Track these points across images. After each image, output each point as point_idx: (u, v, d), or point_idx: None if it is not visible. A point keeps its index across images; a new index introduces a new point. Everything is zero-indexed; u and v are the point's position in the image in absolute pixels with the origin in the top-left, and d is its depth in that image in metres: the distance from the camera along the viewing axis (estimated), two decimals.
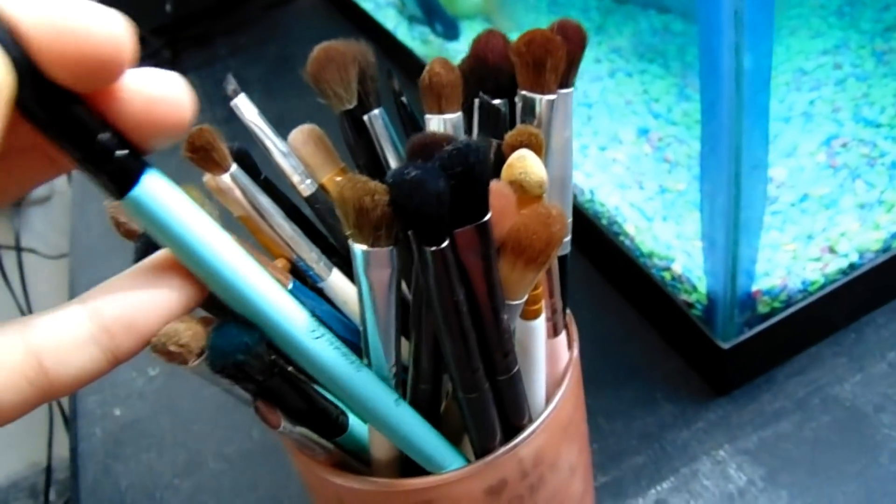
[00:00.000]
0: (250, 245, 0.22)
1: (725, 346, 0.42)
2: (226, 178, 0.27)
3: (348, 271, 0.30)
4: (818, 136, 0.50)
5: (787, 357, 0.45)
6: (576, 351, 0.29)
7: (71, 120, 0.16)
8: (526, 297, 0.24)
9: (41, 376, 0.17)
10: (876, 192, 0.46)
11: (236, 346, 0.20)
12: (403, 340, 0.26)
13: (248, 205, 0.28)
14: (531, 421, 0.27)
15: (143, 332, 0.19)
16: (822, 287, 0.43)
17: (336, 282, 0.30)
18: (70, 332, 0.18)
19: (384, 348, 0.24)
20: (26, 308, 1.26)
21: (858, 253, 0.43)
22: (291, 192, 0.31)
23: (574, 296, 0.31)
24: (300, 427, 0.24)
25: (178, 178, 0.19)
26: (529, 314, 0.26)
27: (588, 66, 0.64)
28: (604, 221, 0.51)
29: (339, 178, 0.30)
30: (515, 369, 0.25)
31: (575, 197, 0.53)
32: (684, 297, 0.44)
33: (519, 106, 0.26)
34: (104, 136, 0.16)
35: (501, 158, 0.24)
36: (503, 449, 0.26)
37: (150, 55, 0.98)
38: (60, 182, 1.30)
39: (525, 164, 0.23)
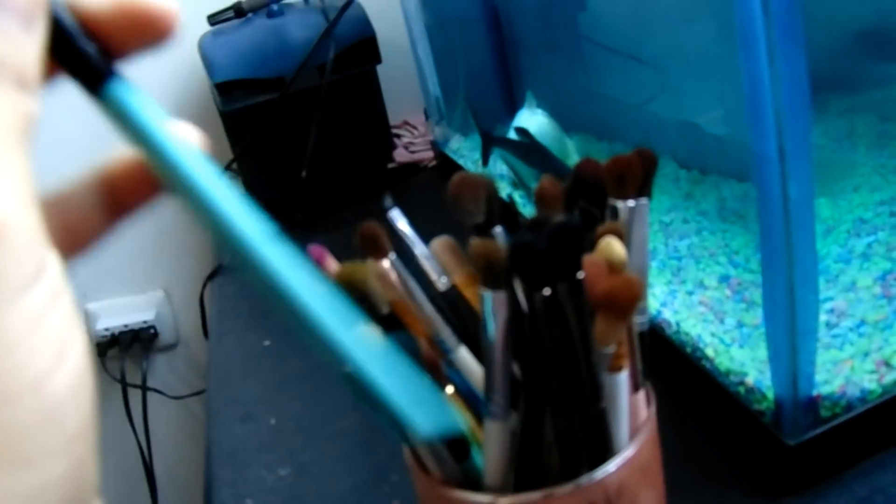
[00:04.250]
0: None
1: (791, 443, 0.48)
2: (385, 263, 0.36)
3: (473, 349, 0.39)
4: (874, 272, 0.57)
5: (853, 462, 0.50)
6: (653, 409, 0.37)
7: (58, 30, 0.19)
8: (614, 349, 0.32)
9: None
10: None
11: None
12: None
13: (401, 286, 0.37)
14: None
15: None
16: (881, 395, 0.49)
17: (463, 355, 0.39)
18: None
19: (501, 380, 0.32)
20: (146, 444, 1.38)
21: None
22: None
23: (658, 414, 0.38)
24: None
25: None
26: (615, 367, 0.33)
27: (678, 226, 0.73)
28: (687, 349, 0.58)
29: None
30: (603, 405, 0.32)
31: (662, 329, 0.61)
32: (756, 406, 0.51)
33: (608, 212, 0.35)
34: (82, 41, 0.20)
35: (594, 247, 0.33)
36: (592, 474, 0.33)
37: (280, 217, 1.11)
38: (186, 332, 1.44)
39: (611, 246, 0.32)
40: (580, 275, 0.30)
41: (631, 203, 0.34)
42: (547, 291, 0.29)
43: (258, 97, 1.08)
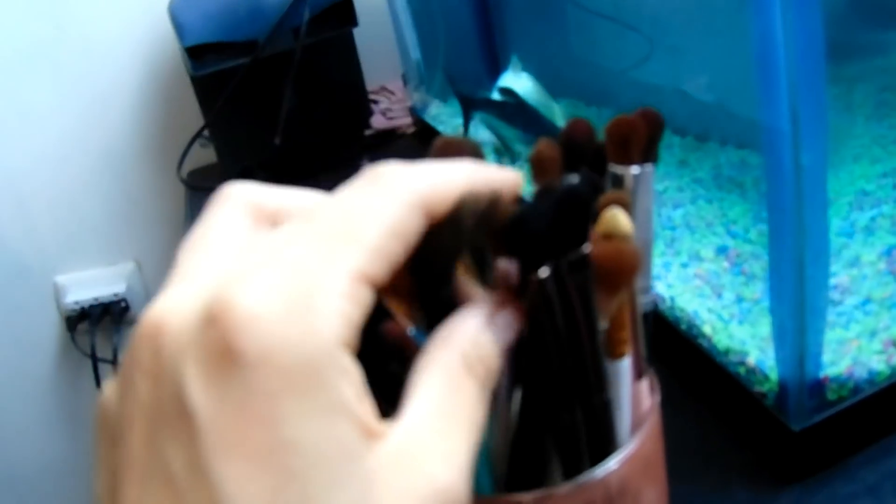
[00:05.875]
0: None
1: (797, 428, 0.45)
2: None
3: None
4: (879, 247, 0.54)
5: (860, 447, 0.47)
6: (657, 398, 0.33)
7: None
8: (606, 326, 0.29)
9: None
10: None
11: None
12: None
13: None
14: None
15: None
16: (890, 377, 0.46)
17: None
18: None
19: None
20: None
21: None
22: None
23: None
24: None
25: None
26: (617, 353, 0.30)
27: (672, 194, 0.70)
28: (683, 326, 0.55)
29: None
30: (608, 395, 0.29)
31: (656, 305, 0.57)
32: (758, 388, 0.48)
33: (609, 180, 0.31)
34: None
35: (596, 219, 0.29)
36: (592, 472, 0.30)
37: None
38: None
39: (616, 218, 0.28)
40: (586, 248, 0.26)
41: (636, 170, 0.31)
42: (545, 273, 0.25)
43: (230, 61, 1.03)
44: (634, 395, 0.32)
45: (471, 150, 0.34)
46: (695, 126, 0.76)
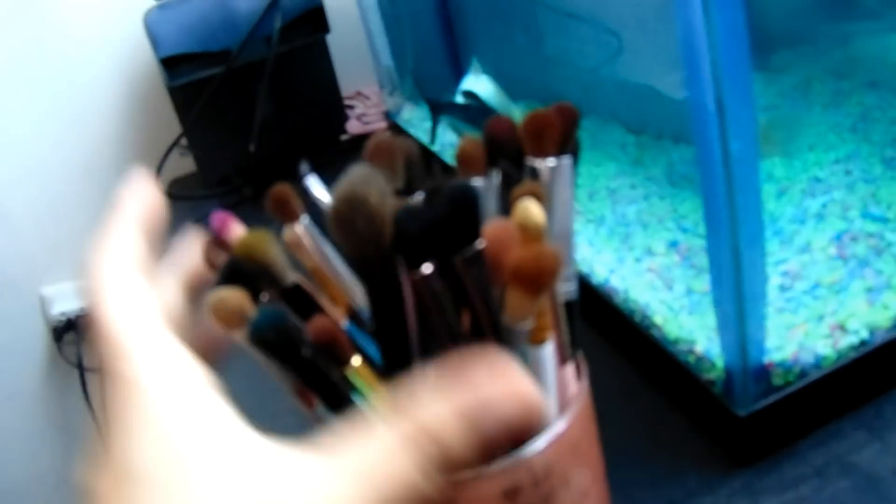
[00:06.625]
0: None
1: (743, 413, 0.46)
2: (299, 227, 0.34)
3: None
4: (829, 233, 0.55)
5: (808, 431, 0.48)
6: (584, 383, 0.34)
7: None
8: (531, 324, 0.30)
9: None
10: (884, 277, 0.50)
11: (270, 325, 0.26)
12: None
13: (316, 252, 0.34)
14: None
15: None
16: (835, 362, 0.47)
17: None
18: None
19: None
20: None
21: (869, 330, 0.47)
22: None
23: (610, 385, 0.36)
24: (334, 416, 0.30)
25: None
26: (537, 339, 0.31)
27: (626, 192, 0.71)
28: (637, 318, 0.56)
29: None
30: None
31: (611, 297, 0.59)
32: (706, 375, 0.49)
33: (527, 172, 0.32)
34: None
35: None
36: (515, 455, 0.31)
37: (232, 192, 1.08)
38: None
39: (527, 209, 0.29)
40: (479, 244, 0.27)
41: (551, 162, 0.32)
42: (427, 269, 0.26)
43: (204, 71, 1.04)
44: (560, 380, 0.33)
45: (403, 150, 0.35)
46: (648, 124, 0.77)
